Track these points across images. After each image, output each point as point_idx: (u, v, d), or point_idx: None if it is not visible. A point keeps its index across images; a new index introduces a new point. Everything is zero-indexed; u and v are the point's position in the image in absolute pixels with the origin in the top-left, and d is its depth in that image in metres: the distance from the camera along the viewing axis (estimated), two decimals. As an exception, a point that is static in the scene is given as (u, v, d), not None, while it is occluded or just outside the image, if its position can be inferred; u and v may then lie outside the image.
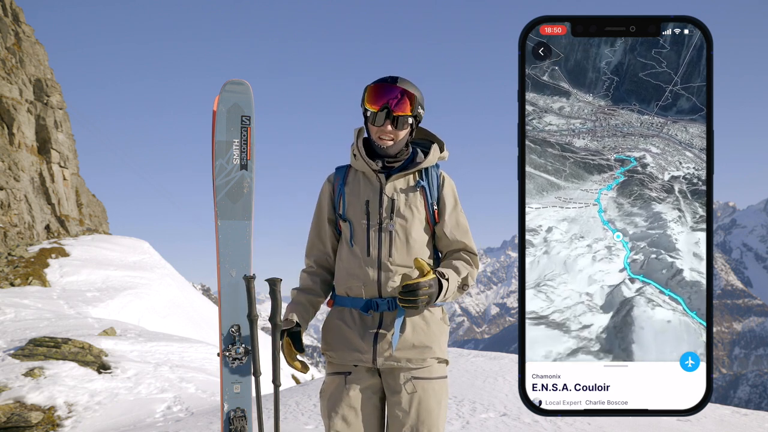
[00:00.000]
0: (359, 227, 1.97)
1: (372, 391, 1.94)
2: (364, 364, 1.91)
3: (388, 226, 1.93)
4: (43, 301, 12.62)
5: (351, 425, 1.90)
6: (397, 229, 1.93)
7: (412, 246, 1.93)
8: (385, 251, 1.92)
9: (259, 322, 2.14)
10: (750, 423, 5.21)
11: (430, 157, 2.01)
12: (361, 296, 1.94)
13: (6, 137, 20.62)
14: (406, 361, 1.88)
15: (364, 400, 1.92)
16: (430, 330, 1.92)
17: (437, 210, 2.00)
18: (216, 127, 2.21)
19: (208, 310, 19.89)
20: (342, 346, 1.94)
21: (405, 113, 1.89)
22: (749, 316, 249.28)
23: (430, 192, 1.99)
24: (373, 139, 1.96)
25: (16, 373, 6.18)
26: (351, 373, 1.94)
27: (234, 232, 2.24)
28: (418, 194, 1.98)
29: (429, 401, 1.88)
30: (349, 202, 2.02)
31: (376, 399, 1.95)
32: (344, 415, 1.90)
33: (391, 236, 1.93)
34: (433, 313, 1.95)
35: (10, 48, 23.09)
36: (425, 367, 1.90)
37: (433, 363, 1.92)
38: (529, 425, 4.60)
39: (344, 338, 1.94)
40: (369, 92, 1.91)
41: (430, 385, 1.90)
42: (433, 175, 2.01)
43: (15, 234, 19.09)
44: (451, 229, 1.98)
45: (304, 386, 6.95)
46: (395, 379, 1.90)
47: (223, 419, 2.17)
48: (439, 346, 1.93)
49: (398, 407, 1.88)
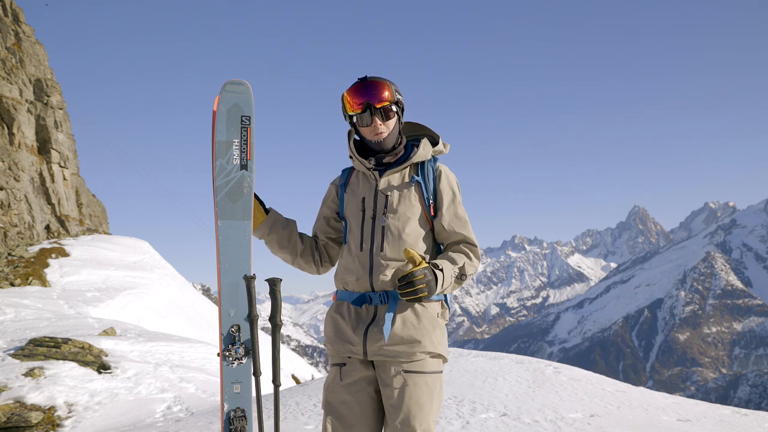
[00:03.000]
0: (354, 223, 2.03)
1: (366, 382, 1.96)
2: (356, 356, 1.95)
3: (381, 221, 1.98)
4: (43, 301, 12.62)
5: (343, 416, 1.92)
6: (390, 223, 1.97)
7: (405, 240, 1.96)
8: (377, 246, 1.96)
9: (259, 322, 2.14)
10: (750, 423, 5.21)
11: (421, 152, 2.04)
12: (355, 290, 1.98)
13: (6, 137, 20.60)
14: (396, 354, 1.89)
15: (358, 391, 1.94)
16: (420, 324, 1.92)
17: (434, 204, 2.02)
18: (216, 127, 2.21)
19: (208, 310, 19.89)
20: (337, 339, 1.99)
21: (386, 102, 1.95)
22: (749, 316, 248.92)
23: (426, 186, 2.02)
24: (368, 140, 2.02)
25: (16, 373, 6.18)
26: (345, 364, 1.98)
27: (234, 232, 2.24)
28: (413, 189, 2.01)
29: (420, 395, 1.88)
30: (347, 201, 2.09)
31: (371, 390, 1.97)
32: (337, 407, 1.94)
33: (383, 231, 1.97)
34: (426, 308, 1.95)
35: (10, 48, 23.08)
36: (416, 360, 1.90)
37: (424, 357, 1.92)
38: (529, 425, 4.60)
39: (340, 331, 1.99)
40: (346, 99, 1.98)
41: (422, 378, 1.89)
42: (429, 170, 2.04)
43: (15, 234, 19.09)
44: (449, 222, 2.01)
45: (304, 386, 6.94)
46: (387, 372, 1.91)
47: (223, 419, 2.17)
48: (430, 341, 1.92)
49: (390, 400, 1.89)
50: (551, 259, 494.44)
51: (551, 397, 5.72)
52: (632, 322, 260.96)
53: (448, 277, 1.88)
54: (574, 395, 5.84)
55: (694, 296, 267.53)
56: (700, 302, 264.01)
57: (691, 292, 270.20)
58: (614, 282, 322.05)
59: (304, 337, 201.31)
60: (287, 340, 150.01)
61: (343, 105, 2.01)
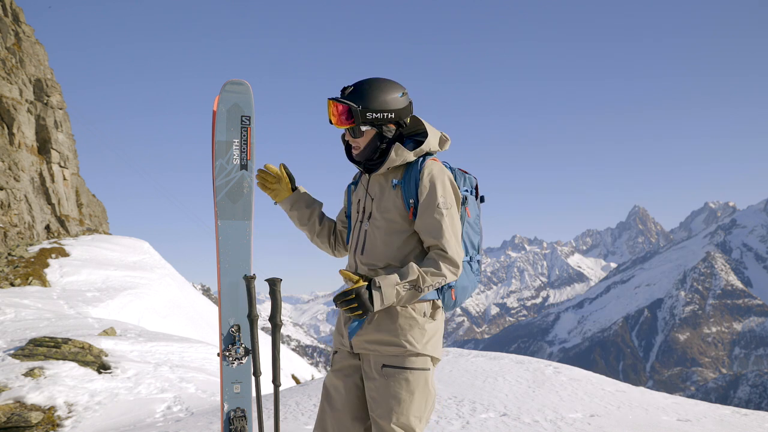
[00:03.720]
0: (352, 224, 2.15)
1: (352, 370, 2.03)
2: (344, 347, 2.05)
3: (364, 224, 2.05)
4: (43, 301, 12.61)
5: (332, 399, 2.02)
6: (370, 228, 2.03)
7: (384, 244, 1.98)
8: (359, 249, 2.05)
9: (259, 322, 2.15)
10: (750, 423, 5.21)
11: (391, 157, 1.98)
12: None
13: (6, 137, 20.60)
14: (376, 347, 1.93)
15: (344, 377, 2.03)
16: (395, 325, 1.91)
17: (414, 206, 1.97)
18: (216, 127, 2.21)
19: (208, 310, 19.89)
20: (336, 330, 2.13)
21: (347, 125, 1.96)
22: (749, 316, 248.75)
23: (406, 189, 1.98)
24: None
25: (16, 373, 6.17)
26: (337, 352, 2.09)
27: (234, 232, 2.24)
28: (393, 193, 1.99)
29: (398, 390, 1.87)
30: (352, 201, 2.19)
31: (357, 378, 2.02)
32: (329, 389, 2.04)
33: (366, 235, 2.04)
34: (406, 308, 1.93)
35: (10, 48, 23.08)
36: (395, 356, 1.90)
37: (401, 354, 1.90)
38: (529, 425, 4.59)
39: (338, 322, 2.11)
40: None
41: (402, 374, 1.88)
42: (414, 171, 1.99)
43: (15, 234, 19.09)
44: (422, 226, 1.94)
45: (304, 386, 6.94)
46: (368, 365, 1.96)
47: (223, 419, 2.17)
48: (407, 340, 1.89)
49: (370, 392, 1.94)
50: (551, 259, 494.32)
51: (551, 397, 5.72)
52: (632, 322, 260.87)
53: (390, 294, 1.82)
54: (574, 395, 5.84)
55: (694, 296, 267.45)
56: (700, 302, 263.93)
57: (691, 292, 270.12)
58: (614, 282, 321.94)
59: (304, 337, 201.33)
60: (287, 340, 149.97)
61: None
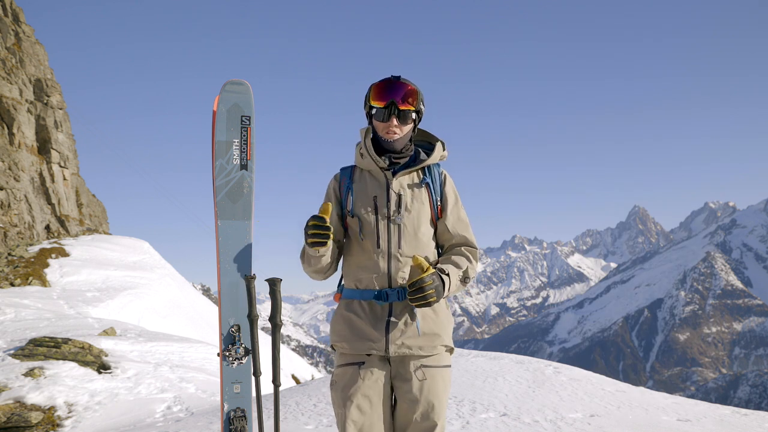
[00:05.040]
0: (368, 221, 2.04)
1: (384, 378, 2.00)
2: (377, 352, 1.96)
3: (397, 219, 2.02)
4: (43, 301, 12.61)
5: (366, 414, 1.94)
6: (406, 222, 2.03)
7: (420, 239, 2.03)
8: (394, 243, 2.01)
9: (259, 322, 2.14)
10: (750, 423, 5.21)
11: (434, 155, 2.12)
12: (372, 287, 2.00)
13: (6, 137, 20.60)
14: (418, 349, 1.96)
15: (377, 389, 1.97)
16: (438, 319, 2.02)
17: (440, 206, 2.10)
18: (216, 127, 2.21)
19: (208, 310, 19.88)
20: (354, 337, 1.99)
21: (409, 108, 2.00)
22: (749, 316, 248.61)
23: (434, 188, 2.10)
24: (380, 135, 2.06)
25: (16, 373, 6.17)
26: (364, 362, 1.98)
27: (234, 232, 2.24)
28: (423, 190, 2.09)
29: (437, 389, 1.96)
30: (357, 198, 2.09)
31: (387, 388, 2.02)
32: (359, 404, 1.94)
33: (400, 229, 2.02)
34: (440, 303, 2.04)
35: (10, 48, 23.08)
36: (434, 355, 2.00)
37: (441, 351, 2.02)
38: (529, 425, 4.59)
39: (356, 329, 1.99)
40: (374, 90, 2.01)
41: (439, 372, 1.99)
42: (436, 173, 2.13)
43: (15, 234, 19.08)
44: (453, 224, 2.09)
45: (304, 386, 6.94)
46: (405, 367, 1.97)
47: (223, 419, 2.17)
48: (447, 335, 2.04)
49: (409, 394, 1.94)
50: (551, 259, 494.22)
51: (551, 397, 5.72)
52: (632, 322, 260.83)
53: (454, 281, 1.96)
54: (574, 395, 5.84)
55: (694, 296, 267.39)
56: (700, 302, 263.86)
57: (691, 292, 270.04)
58: (614, 282, 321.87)
59: (304, 337, 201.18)
60: (287, 340, 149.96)
61: (368, 94, 2.04)
